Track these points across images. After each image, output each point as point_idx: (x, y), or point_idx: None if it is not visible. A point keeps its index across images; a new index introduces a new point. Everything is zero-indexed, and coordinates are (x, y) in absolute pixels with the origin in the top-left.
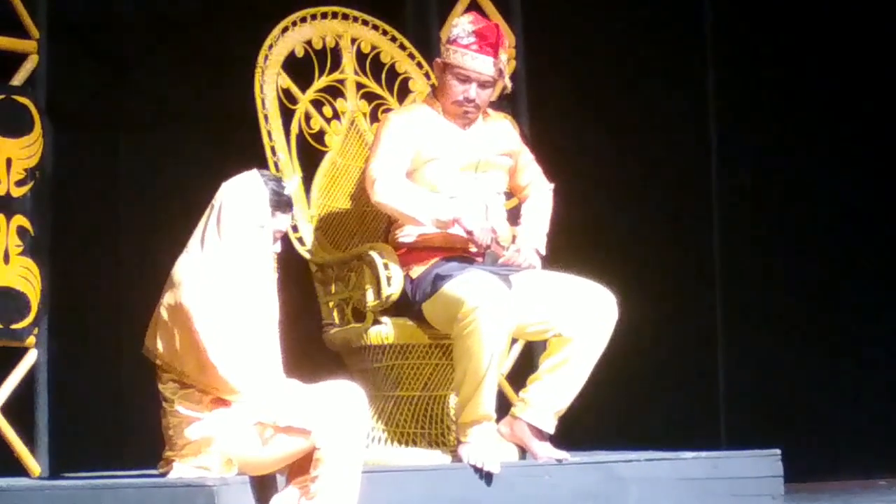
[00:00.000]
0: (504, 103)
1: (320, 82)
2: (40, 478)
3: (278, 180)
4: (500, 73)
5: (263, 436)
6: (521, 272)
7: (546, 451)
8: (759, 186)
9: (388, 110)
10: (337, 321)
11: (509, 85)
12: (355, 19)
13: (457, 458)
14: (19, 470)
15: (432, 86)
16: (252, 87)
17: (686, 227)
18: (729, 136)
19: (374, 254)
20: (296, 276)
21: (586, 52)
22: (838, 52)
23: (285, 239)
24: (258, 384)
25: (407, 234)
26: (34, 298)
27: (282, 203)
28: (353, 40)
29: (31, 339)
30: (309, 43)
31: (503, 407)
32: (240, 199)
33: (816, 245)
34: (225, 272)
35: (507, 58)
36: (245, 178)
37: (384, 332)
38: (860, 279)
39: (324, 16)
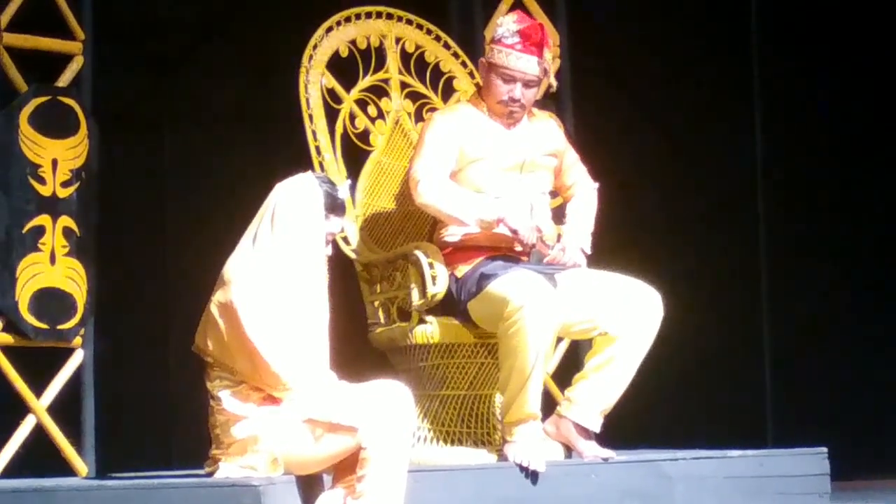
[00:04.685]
0: (549, 102)
1: (365, 82)
2: (87, 478)
3: (332, 183)
4: (545, 72)
5: (315, 434)
6: (567, 271)
7: (592, 450)
8: (805, 184)
9: (432, 110)
10: (382, 320)
11: (554, 84)
12: (399, 19)
13: (502, 457)
14: (66, 470)
15: (477, 85)
16: (296, 87)
17: (732, 225)
18: (776, 133)
19: (419, 253)
20: (341, 275)
21: (631, 50)
22: (890, 51)
23: None
24: (309, 381)
25: (452, 234)
26: (80, 299)
27: (336, 206)
28: (398, 40)
29: (78, 340)
30: (353, 42)
31: (549, 406)
32: (295, 200)
33: (863, 242)
34: (277, 272)
35: (551, 56)
36: (300, 180)
37: (429, 331)
38: None
39: (368, 15)
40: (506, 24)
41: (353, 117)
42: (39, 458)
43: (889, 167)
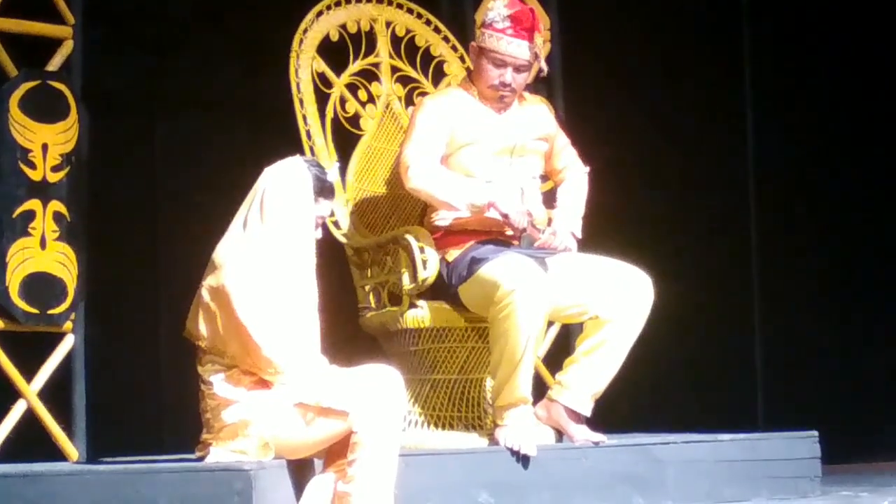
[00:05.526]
0: (540, 86)
1: (355, 66)
2: (78, 462)
3: (321, 167)
4: (536, 56)
5: (306, 418)
6: (558, 255)
7: (583, 434)
8: (796, 168)
9: (423, 94)
10: (373, 305)
11: (545, 68)
12: (390, 3)
13: (493, 441)
14: (57, 455)
15: (468, 69)
16: (287, 71)
17: (722, 209)
18: (766, 118)
19: (409, 237)
20: (332, 260)
21: (622, 34)
22: (887, 50)
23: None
24: (301, 364)
25: (443, 218)
26: (71, 283)
27: (324, 189)
28: (388, 24)
29: (68, 325)
30: (343, 27)
31: (540, 390)
32: (284, 184)
33: (854, 226)
34: (267, 256)
35: (542, 41)
36: (288, 163)
37: (420, 315)
38: None
39: None
40: (497, 9)
41: (343, 102)
42: (30, 443)
43: (879, 160)
